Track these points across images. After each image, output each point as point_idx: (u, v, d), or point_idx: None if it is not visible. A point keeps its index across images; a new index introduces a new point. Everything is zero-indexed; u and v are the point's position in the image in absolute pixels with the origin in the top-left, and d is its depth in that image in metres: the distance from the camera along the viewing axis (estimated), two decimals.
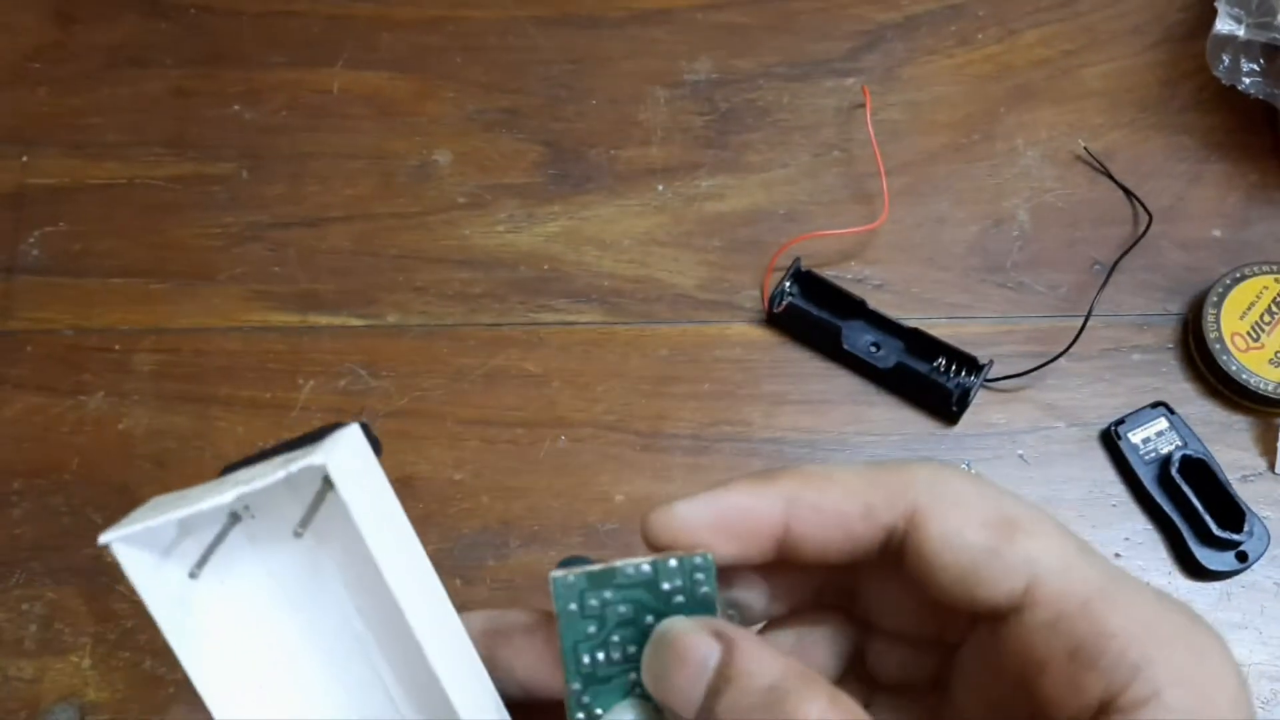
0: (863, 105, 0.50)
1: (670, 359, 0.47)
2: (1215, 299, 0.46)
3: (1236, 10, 0.47)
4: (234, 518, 0.22)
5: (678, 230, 0.49)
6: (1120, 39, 0.53)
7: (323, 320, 0.47)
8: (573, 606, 0.22)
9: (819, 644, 0.24)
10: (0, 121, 0.52)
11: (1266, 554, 0.43)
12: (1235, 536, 0.42)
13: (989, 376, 0.45)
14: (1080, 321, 0.46)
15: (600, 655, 0.22)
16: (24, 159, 0.51)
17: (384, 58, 0.52)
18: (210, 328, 0.47)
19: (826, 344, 0.46)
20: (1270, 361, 0.45)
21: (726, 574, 0.23)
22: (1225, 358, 0.45)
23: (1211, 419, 0.45)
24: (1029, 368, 0.45)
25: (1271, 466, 0.44)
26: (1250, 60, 0.48)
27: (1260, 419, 0.45)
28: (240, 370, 0.46)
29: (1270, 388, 0.44)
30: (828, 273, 0.47)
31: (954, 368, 0.45)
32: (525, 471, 0.45)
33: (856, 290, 0.47)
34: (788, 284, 0.47)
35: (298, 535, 0.21)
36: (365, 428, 0.22)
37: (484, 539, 0.44)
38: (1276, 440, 0.45)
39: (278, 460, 0.21)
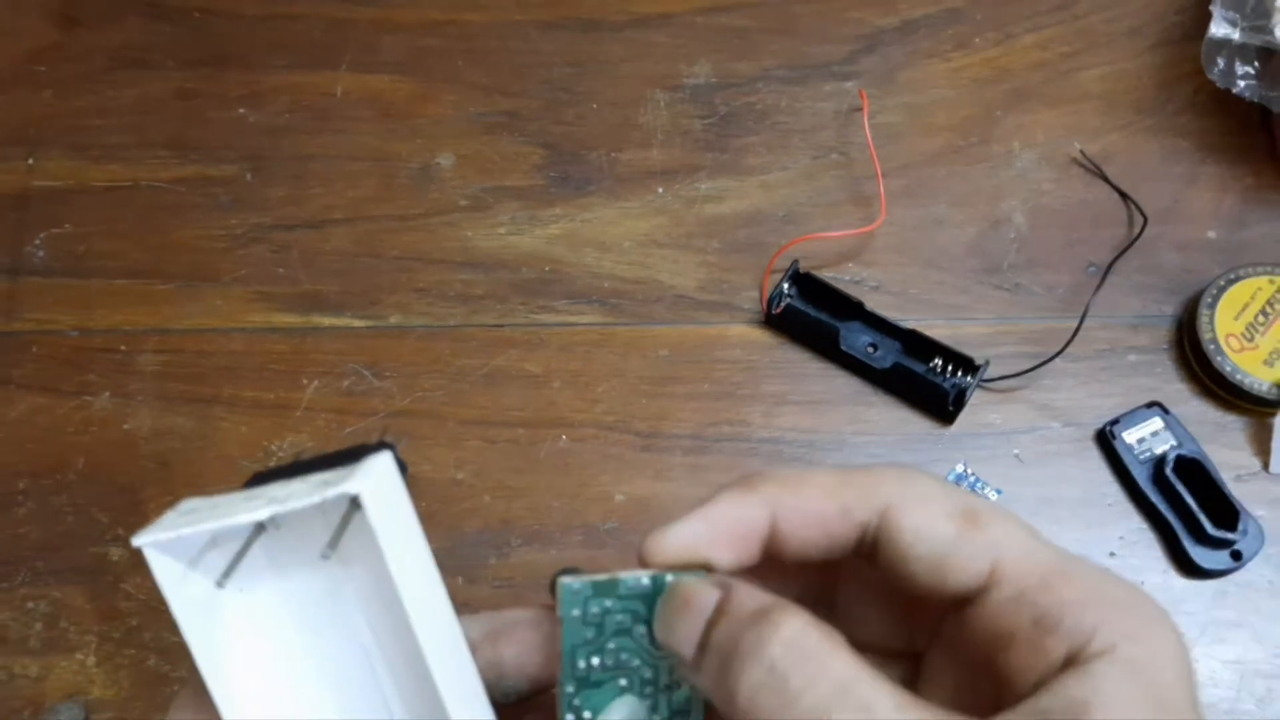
0: (861, 108, 0.50)
1: (670, 360, 0.47)
2: (1210, 300, 0.46)
3: (1232, 14, 0.47)
4: (259, 528, 0.22)
5: (677, 232, 0.49)
6: (1116, 42, 0.53)
7: (325, 321, 0.48)
8: (576, 612, 0.23)
9: None
10: (4, 124, 0.52)
11: (1261, 553, 0.43)
12: (1230, 535, 0.42)
13: (985, 377, 0.45)
14: (1076, 322, 0.46)
15: (595, 660, 0.23)
16: (29, 161, 0.51)
17: (386, 61, 0.53)
18: (214, 328, 0.48)
19: (825, 345, 0.47)
20: (1264, 362, 0.45)
21: None
22: (1220, 358, 0.45)
23: (1206, 419, 0.46)
24: (1025, 368, 0.46)
25: (1265, 466, 0.45)
26: (1245, 63, 0.48)
27: (1254, 419, 0.46)
28: (244, 371, 0.47)
29: (1264, 388, 0.45)
30: (826, 274, 0.48)
31: (951, 368, 0.45)
32: (526, 471, 0.45)
33: (854, 292, 0.47)
34: (786, 285, 0.47)
35: (325, 557, 0.21)
36: (394, 450, 0.23)
37: (485, 538, 0.44)
38: (1270, 440, 0.45)
39: (313, 481, 0.21)
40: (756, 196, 0.50)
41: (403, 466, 0.23)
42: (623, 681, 0.23)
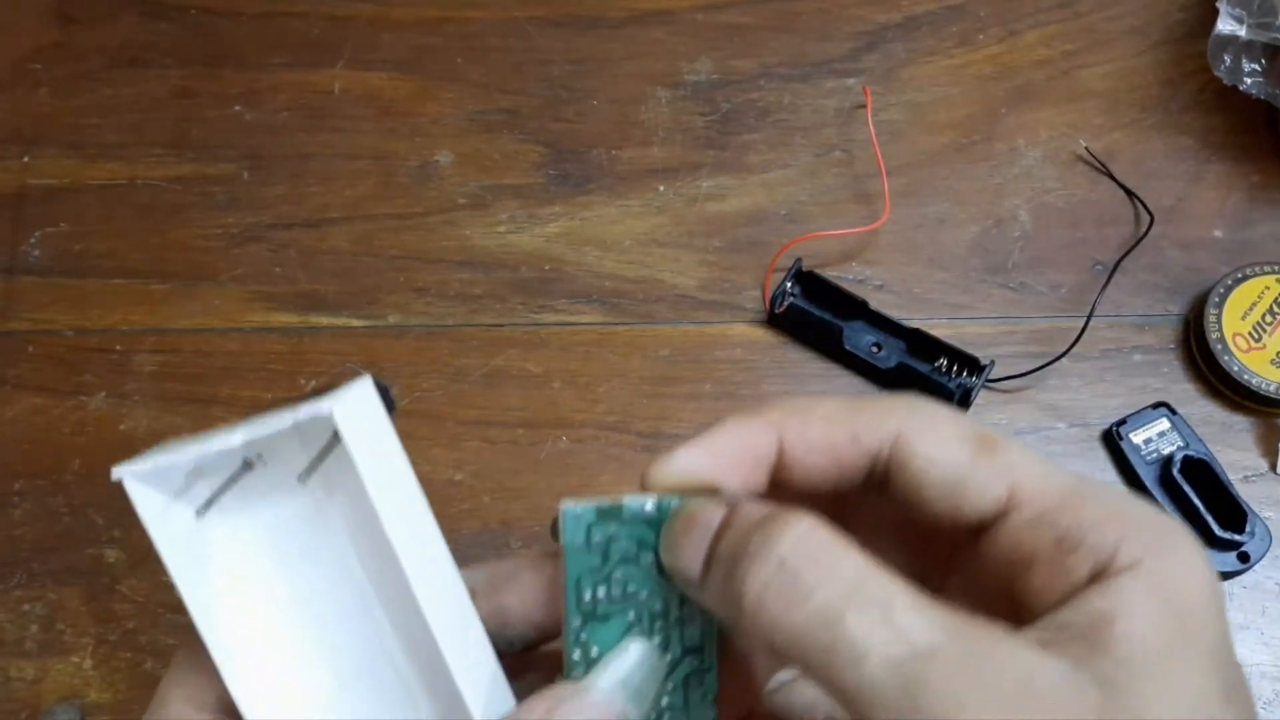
0: (864, 106, 0.50)
1: (671, 359, 0.47)
2: (1217, 299, 0.46)
3: (1238, 10, 0.47)
4: (246, 465, 0.22)
5: (679, 231, 0.49)
6: (1121, 39, 0.53)
7: (323, 321, 0.47)
8: (579, 539, 0.22)
9: None
10: (1, 122, 0.51)
11: (1268, 554, 0.42)
12: (1237, 537, 0.42)
13: (990, 377, 0.45)
14: (1081, 322, 0.46)
15: (601, 591, 0.22)
16: (24, 159, 0.51)
17: (384, 58, 0.52)
18: (211, 328, 0.47)
19: (828, 344, 0.46)
20: (1272, 362, 0.45)
21: None
22: (1227, 358, 0.45)
23: (1213, 419, 0.45)
24: (1030, 368, 0.45)
25: (1273, 467, 0.44)
26: (1251, 60, 0.48)
27: (1262, 419, 0.45)
28: (241, 371, 0.46)
29: (1272, 388, 0.44)
30: (829, 273, 0.47)
31: (955, 368, 0.45)
32: (526, 472, 0.45)
33: (858, 291, 0.47)
34: (789, 284, 0.47)
35: (301, 481, 0.21)
36: (380, 385, 0.22)
37: (485, 539, 0.44)
38: (1278, 441, 0.44)
39: (290, 409, 0.21)
40: (758, 195, 0.50)
41: (390, 403, 0.23)
42: (630, 615, 0.22)
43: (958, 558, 0.23)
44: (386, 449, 0.22)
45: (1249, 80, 0.48)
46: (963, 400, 0.44)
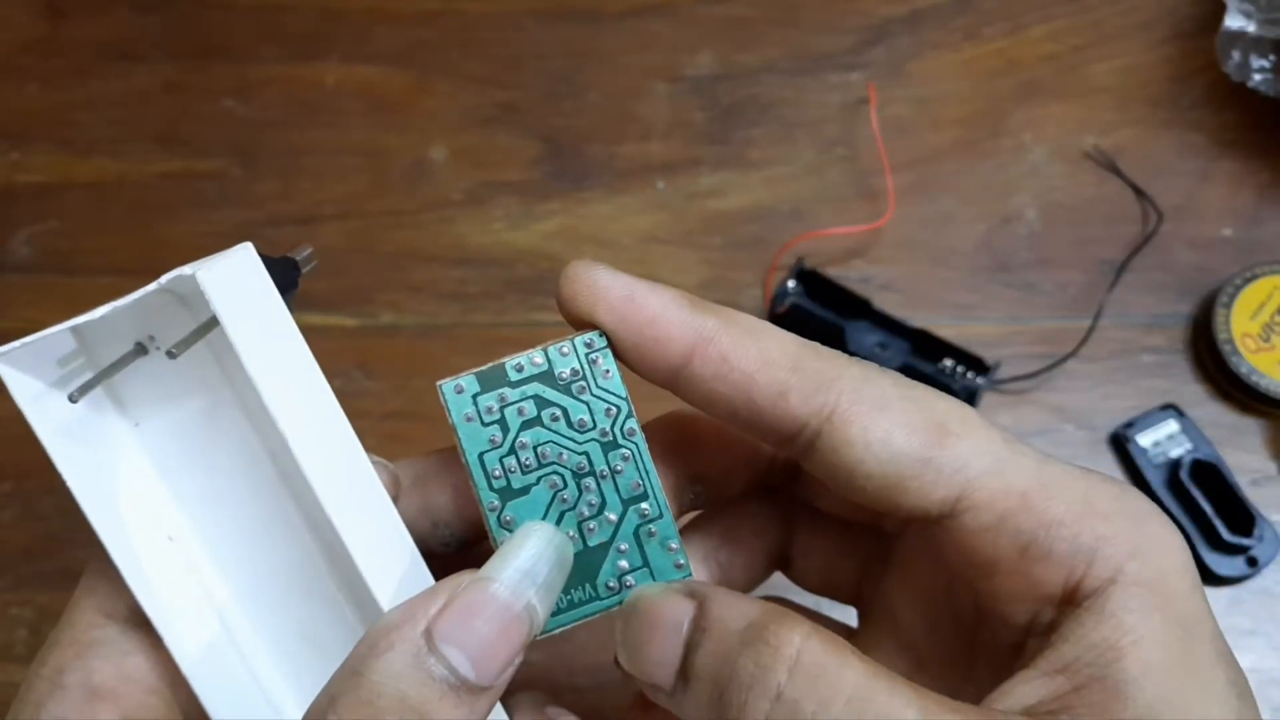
0: (868, 101, 0.49)
1: None
2: (1226, 299, 0.45)
3: (1247, 6, 0.46)
4: (140, 349, 0.21)
5: (678, 228, 0.48)
6: (1129, 34, 0.52)
7: (316, 320, 0.47)
8: (468, 412, 0.21)
9: (746, 535, 0.24)
10: None
11: (1277, 559, 0.42)
12: (1245, 541, 0.41)
13: (997, 378, 0.44)
14: (1089, 322, 0.45)
15: (510, 462, 0.21)
16: (13, 156, 0.50)
17: (378, 52, 0.52)
18: None
19: (831, 344, 0.45)
20: None
21: (686, 455, 0.23)
22: (1235, 359, 0.44)
23: (1221, 421, 0.45)
24: (1037, 369, 0.44)
25: None
26: (1261, 57, 0.47)
27: (1271, 422, 0.44)
28: None
29: None
30: (832, 272, 0.46)
31: (961, 369, 0.44)
32: None
33: (861, 290, 0.46)
34: (791, 283, 0.46)
35: (172, 357, 0.19)
36: (275, 259, 0.20)
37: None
38: None
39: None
40: (760, 191, 0.49)
41: (292, 280, 0.21)
42: (551, 480, 0.21)
43: (913, 523, 0.21)
44: (271, 321, 0.20)
45: (1258, 77, 0.47)
46: (969, 402, 0.43)
